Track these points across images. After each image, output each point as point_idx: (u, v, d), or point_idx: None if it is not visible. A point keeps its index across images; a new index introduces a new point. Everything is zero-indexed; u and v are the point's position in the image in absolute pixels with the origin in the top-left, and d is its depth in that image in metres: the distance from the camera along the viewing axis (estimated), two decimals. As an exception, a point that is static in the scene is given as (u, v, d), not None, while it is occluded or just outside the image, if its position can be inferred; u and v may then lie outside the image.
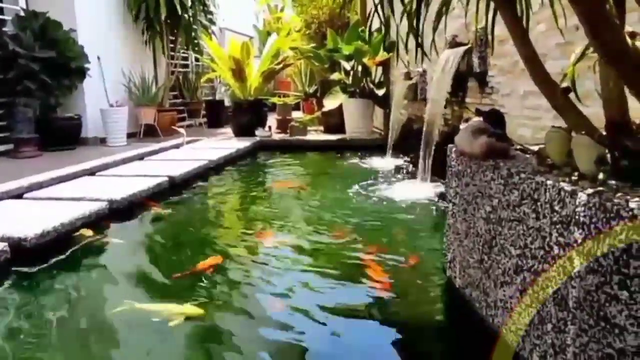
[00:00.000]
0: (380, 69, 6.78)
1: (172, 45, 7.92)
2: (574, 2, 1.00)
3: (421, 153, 3.68)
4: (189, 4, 7.29)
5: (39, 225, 2.41)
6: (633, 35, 1.05)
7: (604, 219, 1.01)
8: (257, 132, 6.64)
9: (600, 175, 1.15)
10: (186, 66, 9.29)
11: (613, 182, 1.13)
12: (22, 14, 5.60)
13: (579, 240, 1.09)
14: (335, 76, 6.78)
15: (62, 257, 2.36)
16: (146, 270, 2.30)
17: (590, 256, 1.04)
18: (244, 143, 5.90)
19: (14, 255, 2.24)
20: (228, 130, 7.82)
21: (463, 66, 3.53)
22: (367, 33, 6.54)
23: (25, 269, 2.19)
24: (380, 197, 3.55)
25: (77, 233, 2.63)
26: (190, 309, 1.76)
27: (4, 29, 5.41)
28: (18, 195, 3.25)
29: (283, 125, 7.27)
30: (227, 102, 9.36)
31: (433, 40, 1.57)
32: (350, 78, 6.66)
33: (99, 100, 6.33)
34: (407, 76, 5.11)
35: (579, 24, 1.95)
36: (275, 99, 8.35)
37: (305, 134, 6.71)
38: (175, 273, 2.20)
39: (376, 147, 5.79)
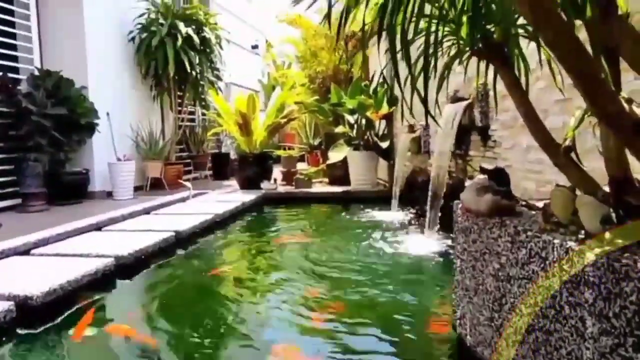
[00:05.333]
0: (383, 122, 6.91)
1: (179, 101, 8.13)
2: (570, 71, 1.04)
3: (428, 206, 3.70)
4: (197, 61, 7.54)
5: (45, 283, 2.41)
6: (629, 101, 1.09)
7: (614, 279, 1.02)
8: (262, 185, 6.70)
9: (607, 235, 1.17)
10: (193, 120, 9.50)
11: (620, 241, 1.14)
12: (36, 73, 5.80)
13: (590, 301, 1.09)
14: (339, 129, 6.91)
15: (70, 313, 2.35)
16: (153, 328, 2.27)
17: (602, 317, 1.04)
18: (249, 196, 5.94)
19: (20, 314, 2.23)
20: (233, 182, 7.89)
21: (465, 120, 3.61)
22: (370, 88, 6.72)
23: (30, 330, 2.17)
24: (387, 252, 3.54)
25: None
26: None
27: (18, 87, 5.58)
28: (25, 251, 3.26)
29: (288, 178, 7.34)
30: (232, 155, 9.49)
31: (437, 100, 1.63)
32: (354, 131, 6.78)
33: (107, 154, 6.45)
34: (411, 129, 5.20)
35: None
36: (280, 152, 8.48)
37: (310, 186, 6.76)
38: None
39: (381, 199, 5.81)
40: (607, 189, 1.37)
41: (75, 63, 6.18)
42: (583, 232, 1.23)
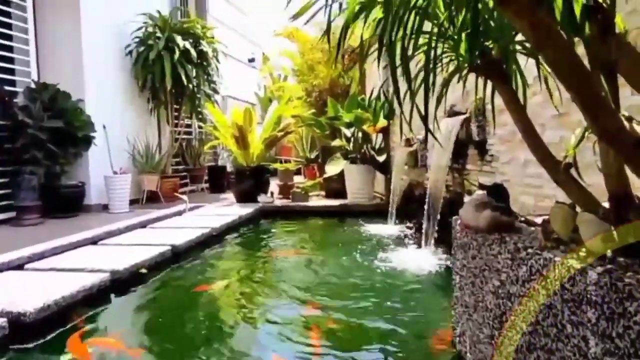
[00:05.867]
0: (380, 135, 6.93)
1: (176, 114, 8.13)
2: (570, 89, 1.04)
3: (425, 220, 3.69)
4: (194, 74, 7.55)
5: (39, 299, 2.38)
6: (629, 119, 1.09)
7: (617, 299, 1.00)
8: (259, 199, 6.68)
9: (608, 253, 1.16)
10: (189, 133, 9.49)
11: (622, 259, 1.14)
12: (33, 86, 5.79)
13: (593, 320, 1.07)
14: (336, 143, 6.91)
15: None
16: (142, 343, 2.24)
17: (605, 337, 1.03)
18: (246, 209, 5.92)
19: (13, 331, 2.19)
20: (230, 195, 7.87)
21: (462, 135, 3.61)
22: (367, 102, 6.74)
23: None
24: (384, 266, 3.51)
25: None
26: None
27: (15, 100, 5.57)
28: (19, 265, 3.22)
29: (285, 191, 7.32)
30: (229, 168, 9.48)
31: (435, 116, 1.62)
32: (351, 144, 6.78)
33: (103, 167, 6.42)
34: (408, 143, 5.21)
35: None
36: (277, 165, 8.47)
37: (307, 199, 6.75)
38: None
39: (378, 213, 5.80)
40: (607, 205, 1.37)
41: (73, 76, 6.18)
42: (584, 249, 1.22)
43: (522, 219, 1.70)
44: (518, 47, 1.56)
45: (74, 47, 6.24)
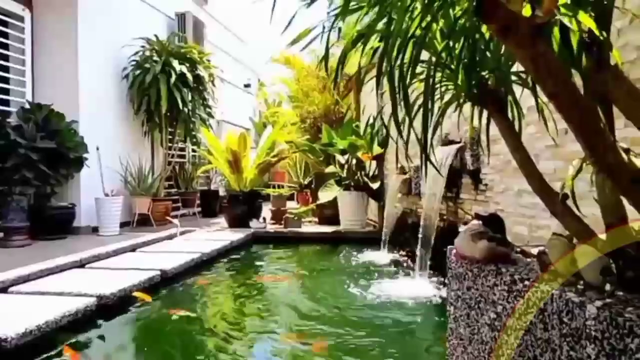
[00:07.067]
0: (374, 162, 6.94)
1: (170, 137, 8.12)
2: (570, 121, 1.04)
3: (418, 248, 3.66)
4: (189, 98, 7.57)
5: (22, 324, 2.31)
6: (627, 150, 1.09)
7: (617, 335, 0.98)
8: (251, 224, 6.63)
9: (607, 286, 1.14)
10: (183, 157, 9.47)
11: (621, 293, 1.12)
12: (27, 106, 5.77)
13: (593, 356, 1.04)
14: (330, 169, 6.91)
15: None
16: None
17: (606, 375, 1.00)
18: (238, 235, 5.86)
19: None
20: (222, 220, 7.80)
21: (456, 163, 3.62)
22: (361, 129, 6.78)
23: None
24: (375, 295, 3.46)
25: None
26: None
27: (8, 120, 5.54)
28: (3, 288, 3.15)
29: (278, 216, 7.28)
30: (221, 192, 9.42)
31: (431, 144, 1.62)
32: (345, 171, 6.78)
33: (94, 189, 6.35)
34: (402, 170, 5.21)
35: (567, 128, 2.03)
36: (270, 190, 8.44)
37: (300, 225, 6.70)
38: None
39: (371, 240, 5.76)
40: (603, 237, 1.35)
41: (68, 97, 6.18)
42: (582, 282, 1.20)
43: (518, 249, 1.69)
44: (514, 77, 1.57)
45: (70, 69, 6.25)
